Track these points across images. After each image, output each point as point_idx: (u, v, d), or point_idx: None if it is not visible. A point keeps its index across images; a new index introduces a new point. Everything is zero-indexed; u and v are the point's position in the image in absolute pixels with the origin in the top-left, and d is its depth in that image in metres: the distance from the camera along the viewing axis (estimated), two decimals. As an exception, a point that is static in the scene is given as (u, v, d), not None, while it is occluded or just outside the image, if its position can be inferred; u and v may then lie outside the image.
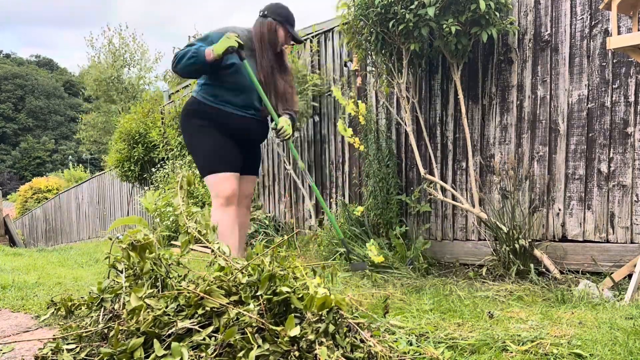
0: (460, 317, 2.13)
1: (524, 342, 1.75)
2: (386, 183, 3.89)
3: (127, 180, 8.76)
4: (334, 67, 4.62)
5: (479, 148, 3.57)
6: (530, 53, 3.32)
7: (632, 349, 1.64)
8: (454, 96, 3.69)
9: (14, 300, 2.68)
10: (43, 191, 19.70)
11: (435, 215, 3.87)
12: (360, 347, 1.50)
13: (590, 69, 3.08)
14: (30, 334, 2.03)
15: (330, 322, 1.45)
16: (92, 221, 12.76)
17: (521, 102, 3.37)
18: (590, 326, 1.93)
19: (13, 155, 51.21)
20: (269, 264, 1.56)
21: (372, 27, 3.41)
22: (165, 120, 7.48)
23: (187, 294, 1.50)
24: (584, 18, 3.09)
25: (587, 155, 3.10)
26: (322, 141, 4.79)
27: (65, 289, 2.91)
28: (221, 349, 1.37)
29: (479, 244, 3.59)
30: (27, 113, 54.12)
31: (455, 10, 3.12)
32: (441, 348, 1.70)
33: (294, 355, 1.34)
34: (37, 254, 5.28)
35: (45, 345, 1.57)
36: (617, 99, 2.98)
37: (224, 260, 1.65)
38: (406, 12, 3.13)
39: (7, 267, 4.04)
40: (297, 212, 5.10)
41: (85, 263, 4.39)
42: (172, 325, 1.43)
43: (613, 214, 3.01)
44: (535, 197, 3.32)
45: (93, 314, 1.77)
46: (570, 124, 3.17)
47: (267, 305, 1.47)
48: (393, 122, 4.10)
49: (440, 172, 3.77)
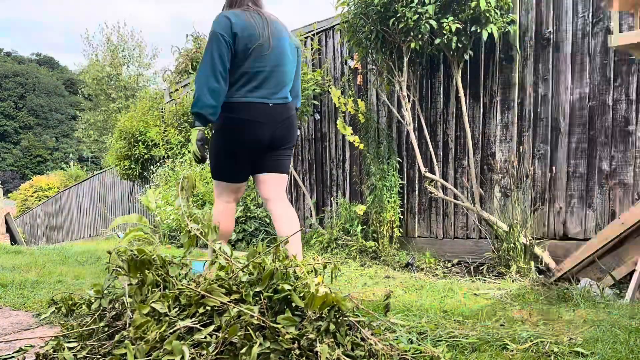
0: (461, 316, 2.13)
1: (524, 340, 1.75)
2: (387, 181, 3.89)
3: (128, 179, 8.75)
4: (335, 66, 4.62)
5: (480, 146, 3.57)
6: (531, 51, 3.31)
7: (634, 347, 1.64)
8: (454, 94, 3.68)
9: (15, 298, 2.68)
10: (44, 189, 19.71)
11: (436, 213, 3.87)
12: (361, 345, 1.50)
13: (591, 67, 3.07)
14: (31, 332, 2.04)
15: (331, 321, 1.45)
16: (93, 219, 12.77)
17: (522, 100, 3.37)
18: (591, 324, 1.93)
19: (14, 154, 51.23)
20: (270, 262, 1.56)
21: (372, 25, 3.40)
22: (165, 119, 7.48)
23: (188, 293, 1.51)
24: (585, 16, 3.08)
25: (588, 153, 3.10)
26: (322, 139, 4.79)
27: (66, 287, 2.92)
28: (222, 347, 1.37)
29: (479, 242, 3.59)
30: (27, 111, 54.12)
31: (455, 8, 3.11)
32: (442, 346, 1.70)
33: (295, 353, 1.34)
34: (38, 252, 5.29)
35: (47, 343, 1.57)
36: (619, 97, 2.97)
37: (225, 259, 1.65)
38: (406, 10, 3.12)
39: (8, 265, 4.04)
40: (298, 210, 5.10)
41: (86, 261, 4.39)
42: (174, 325, 1.43)
43: (614, 212, 3.00)
44: (536, 195, 3.32)
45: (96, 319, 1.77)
46: (572, 122, 3.16)
47: (268, 303, 1.47)
48: (394, 120, 4.10)
49: (441, 170, 3.77)
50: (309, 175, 4.95)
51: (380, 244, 3.92)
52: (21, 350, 1.76)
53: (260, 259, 1.57)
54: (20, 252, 5.37)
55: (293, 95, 2.45)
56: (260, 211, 5.36)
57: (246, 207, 5.37)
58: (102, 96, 24.03)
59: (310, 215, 4.78)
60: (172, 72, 10.56)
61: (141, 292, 1.63)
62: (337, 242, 4.03)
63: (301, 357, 1.35)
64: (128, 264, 1.65)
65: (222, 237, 2.45)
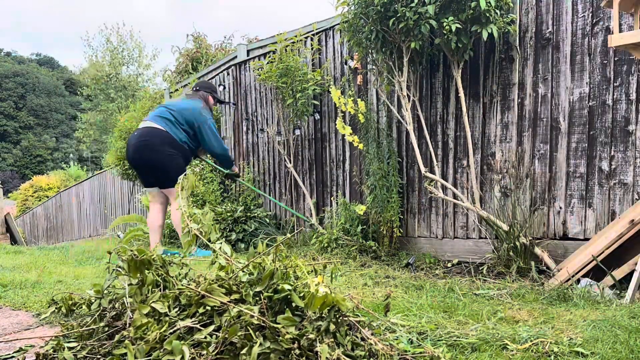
0: (461, 316, 2.13)
1: (524, 340, 1.75)
2: (387, 181, 3.89)
3: (128, 179, 8.76)
4: (335, 65, 4.62)
5: (480, 146, 3.57)
6: (531, 51, 3.31)
7: (633, 347, 1.64)
8: (454, 94, 3.69)
9: (15, 298, 2.69)
10: (44, 189, 19.71)
11: (436, 213, 3.87)
12: (361, 345, 1.50)
13: (591, 66, 3.07)
14: (31, 332, 2.04)
15: (331, 321, 1.45)
16: (93, 219, 12.77)
17: (522, 100, 3.37)
18: (591, 324, 1.93)
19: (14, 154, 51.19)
20: (270, 262, 1.56)
21: (372, 25, 3.40)
22: (165, 119, 7.47)
23: (188, 293, 1.51)
24: (585, 16, 3.08)
25: (588, 153, 3.10)
26: (322, 139, 4.79)
27: (66, 287, 2.92)
28: (222, 347, 1.37)
29: (479, 242, 3.59)
30: (28, 111, 54.10)
31: (455, 8, 3.11)
32: (442, 346, 1.70)
33: (295, 353, 1.34)
34: (38, 252, 5.28)
35: (47, 343, 1.57)
36: (619, 96, 2.97)
37: (225, 259, 1.65)
38: (406, 10, 3.12)
39: (8, 265, 4.04)
40: (298, 210, 5.10)
41: (86, 261, 4.39)
42: (174, 325, 1.43)
43: (614, 212, 3.00)
44: (536, 195, 3.32)
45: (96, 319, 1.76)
46: (572, 122, 3.16)
47: (268, 303, 1.47)
48: (394, 120, 4.10)
49: (441, 170, 3.77)
50: (309, 175, 4.95)
51: (380, 244, 3.92)
52: (21, 350, 1.77)
53: (260, 258, 1.57)
54: (20, 252, 5.37)
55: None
56: (260, 211, 5.36)
57: (246, 207, 5.37)
58: (101, 96, 24.04)
59: (310, 215, 4.78)
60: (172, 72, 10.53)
61: (141, 292, 1.63)
62: (337, 242, 4.02)
63: (301, 357, 1.35)
64: (128, 264, 1.65)
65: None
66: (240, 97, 5.83)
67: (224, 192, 5.92)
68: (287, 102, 4.64)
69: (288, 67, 4.55)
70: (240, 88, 5.82)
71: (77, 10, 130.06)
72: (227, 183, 6.02)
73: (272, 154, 5.45)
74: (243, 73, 5.79)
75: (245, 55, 5.83)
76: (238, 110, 5.88)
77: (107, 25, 34.35)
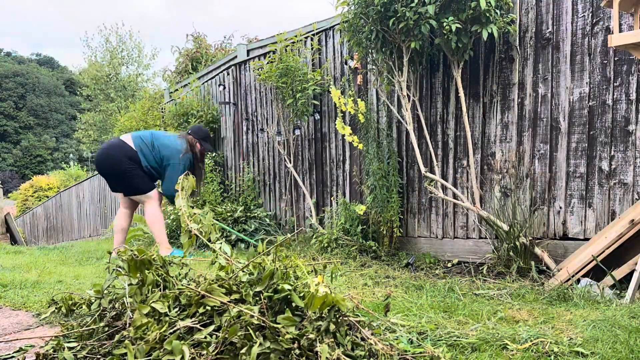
0: (461, 315, 2.13)
1: (524, 340, 1.75)
2: (386, 181, 3.89)
3: (128, 179, 8.75)
4: (335, 65, 4.62)
5: (480, 146, 3.57)
6: (531, 51, 3.31)
7: (633, 347, 1.64)
8: (454, 94, 3.69)
9: (15, 298, 2.69)
10: (44, 189, 19.72)
11: (436, 213, 3.87)
12: (361, 345, 1.50)
13: (591, 66, 3.07)
14: (31, 332, 2.04)
15: (331, 321, 1.45)
16: (93, 219, 12.77)
17: (522, 100, 3.37)
18: (591, 324, 1.93)
19: (14, 154, 51.21)
20: (270, 262, 1.56)
21: (372, 25, 3.40)
22: (165, 119, 7.47)
23: (188, 293, 1.51)
24: (585, 16, 3.08)
25: (588, 153, 3.10)
26: (322, 139, 4.79)
27: (66, 287, 2.92)
28: (222, 347, 1.37)
29: (479, 242, 3.59)
30: (28, 111, 54.13)
31: (455, 8, 3.11)
32: (442, 346, 1.70)
33: (295, 353, 1.34)
34: (38, 252, 5.29)
35: (47, 343, 1.57)
36: (619, 96, 2.97)
37: (225, 259, 1.65)
38: (406, 10, 3.12)
39: (8, 265, 4.04)
40: (298, 210, 5.10)
41: (86, 261, 4.40)
42: (174, 325, 1.43)
43: (614, 212, 3.00)
44: (536, 195, 3.32)
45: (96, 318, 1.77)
46: (572, 122, 3.16)
47: (268, 303, 1.47)
48: (394, 120, 4.10)
49: (441, 170, 3.77)
50: (309, 175, 4.95)
51: (380, 243, 3.92)
52: (21, 350, 1.77)
53: (260, 258, 1.57)
54: (20, 252, 5.37)
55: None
56: (260, 211, 5.36)
57: (246, 207, 5.38)
58: (101, 96, 24.04)
59: (310, 215, 4.78)
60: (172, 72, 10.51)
61: (141, 292, 1.63)
62: (337, 242, 4.02)
63: (301, 357, 1.35)
64: (128, 264, 1.65)
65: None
66: (240, 97, 5.83)
67: (224, 192, 5.92)
68: (287, 102, 4.64)
69: (288, 67, 4.56)
70: (240, 88, 5.83)
71: (77, 10, 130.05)
72: (227, 183, 6.02)
73: (272, 153, 5.46)
74: (243, 73, 5.79)
75: (245, 55, 5.83)
76: (238, 110, 5.88)
77: (106, 26, 34.35)
